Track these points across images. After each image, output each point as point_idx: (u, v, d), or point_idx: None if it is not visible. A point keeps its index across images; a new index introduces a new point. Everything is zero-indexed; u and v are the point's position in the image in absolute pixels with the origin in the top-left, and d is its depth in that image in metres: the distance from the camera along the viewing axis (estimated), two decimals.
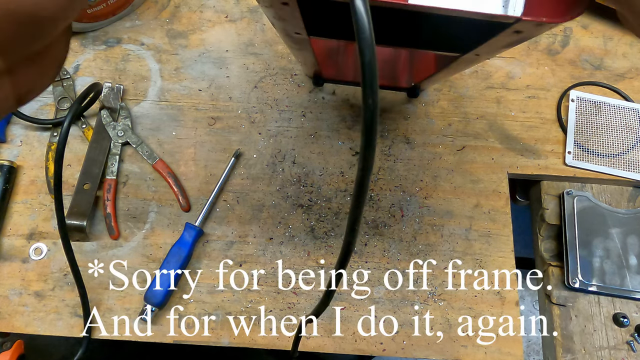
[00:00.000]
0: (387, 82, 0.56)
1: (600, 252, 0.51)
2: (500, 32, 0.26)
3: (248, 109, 0.58)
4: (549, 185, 0.56)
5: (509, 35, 0.26)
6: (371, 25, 0.16)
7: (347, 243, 0.22)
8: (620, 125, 0.57)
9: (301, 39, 0.33)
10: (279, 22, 0.30)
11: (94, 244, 0.52)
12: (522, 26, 0.24)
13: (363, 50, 0.16)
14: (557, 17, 0.23)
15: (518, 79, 0.60)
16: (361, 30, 0.16)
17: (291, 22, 0.29)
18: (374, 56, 0.16)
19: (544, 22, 0.23)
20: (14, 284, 0.51)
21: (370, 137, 0.18)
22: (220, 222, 0.53)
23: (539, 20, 0.22)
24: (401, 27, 0.33)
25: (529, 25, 0.23)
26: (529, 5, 0.23)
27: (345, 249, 0.22)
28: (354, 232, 0.21)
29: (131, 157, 0.56)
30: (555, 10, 0.23)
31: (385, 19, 0.30)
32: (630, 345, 0.49)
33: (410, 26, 0.33)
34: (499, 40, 0.27)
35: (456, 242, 0.53)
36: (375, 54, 0.16)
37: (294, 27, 0.30)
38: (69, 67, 0.59)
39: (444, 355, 0.49)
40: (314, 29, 0.32)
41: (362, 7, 0.16)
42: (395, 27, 0.33)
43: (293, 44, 0.37)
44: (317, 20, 0.31)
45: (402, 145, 0.57)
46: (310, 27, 0.30)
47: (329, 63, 0.55)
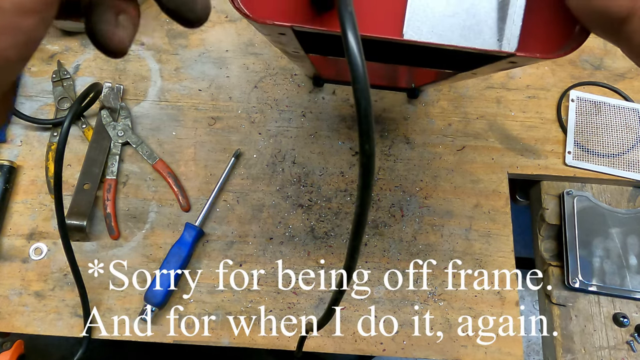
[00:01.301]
0: (387, 82, 0.56)
1: (600, 252, 0.51)
2: (495, 61, 0.26)
3: (248, 109, 0.58)
4: (549, 185, 0.56)
5: (504, 63, 0.26)
6: (366, 75, 0.16)
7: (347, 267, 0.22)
8: (620, 125, 0.57)
9: (299, 55, 0.33)
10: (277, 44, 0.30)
11: (94, 244, 0.52)
12: (516, 59, 0.24)
13: (359, 99, 0.16)
14: (551, 53, 0.23)
15: (518, 79, 0.60)
16: (357, 80, 0.16)
17: (289, 45, 0.29)
18: (369, 106, 0.16)
19: (537, 57, 0.23)
20: (14, 284, 0.51)
21: (367, 179, 0.17)
22: (220, 222, 0.53)
23: (533, 56, 0.23)
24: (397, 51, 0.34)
25: (523, 58, 0.24)
26: (523, 41, 0.23)
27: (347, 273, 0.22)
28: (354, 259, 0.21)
29: (131, 157, 0.56)
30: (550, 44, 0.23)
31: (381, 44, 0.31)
32: (630, 345, 0.49)
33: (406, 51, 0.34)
34: (494, 65, 0.28)
35: (456, 242, 0.53)
36: (370, 104, 0.16)
37: (291, 49, 0.31)
38: (69, 67, 0.59)
39: (444, 355, 0.49)
40: (311, 49, 0.32)
41: (358, 56, 0.16)
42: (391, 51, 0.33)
43: (291, 57, 0.37)
44: (314, 44, 0.32)
45: (402, 145, 0.57)
46: (307, 48, 0.31)
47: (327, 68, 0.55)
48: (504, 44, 0.23)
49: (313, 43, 0.32)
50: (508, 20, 0.22)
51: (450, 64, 0.33)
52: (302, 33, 0.24)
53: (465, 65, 0.32)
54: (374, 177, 0.18)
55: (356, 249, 0.20)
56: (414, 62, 0.34)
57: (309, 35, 0.26)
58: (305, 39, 0.27)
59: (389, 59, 0.34)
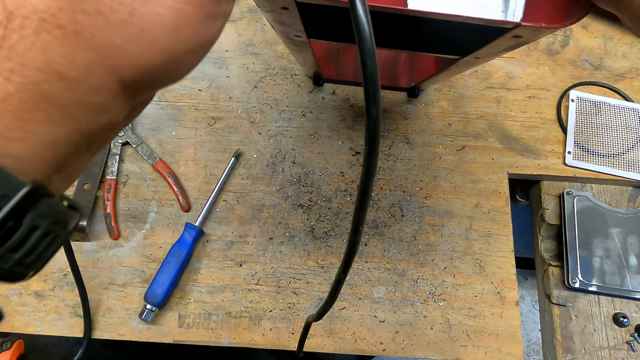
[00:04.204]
0: (387, 82, 0.56)
1: (600, 252, 0.51)
2: (499, 36, 0.26)
3: (248, 109, 0.58)
4: (549, 185, 0.56)
5: (508, 39, 0.26)
6: (372, 35, 0.16)
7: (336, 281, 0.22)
8: (620, 125, 0.57)
9: (301, 41, 0.33)
10: (279, 25, 0.30)
11: (94, 244, 0.52)
12: (521, 31, 0.24)
13: (365, 61, 0.16)
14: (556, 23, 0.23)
15: (518, 79, 0.60)
16: (363, 40, 0.16)
17: (291, 25, 0.29)
18: (375, 67, 0.16)
19: (543, 27, 0.23)
20: (14, 284, 0.51)
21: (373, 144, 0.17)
22: (220, 222, 0.53)
23: (538, 25, 0.22)
24: (400, 31, 0.33)
25: (528, 30, 0.23)
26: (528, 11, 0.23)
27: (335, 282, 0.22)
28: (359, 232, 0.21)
29: (131, 157, 0.56)
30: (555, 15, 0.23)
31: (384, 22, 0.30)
32: (630, 345, 0.49)
33: (409, 30, 0.33)
34: (498, 44, 0.27)
35: (456, 242, 0.53)
36: (377, 64, 0.16)
37: (293, 30, 0.30)
38: None
39: (444, 355, 0.49)
40: (314, 32, 0.32)
41: (363, 16, 0.16)
42: (394, 30, 0.33)
43: (293, 45, 0.37)
44: (317, 24, 0.31)
45: (402, 145, 0.57)
46: (310, 30, 0.30)
47: (329, 63, 0.55)
48: (508, 15, 0.23)
49: (316, 23, 0.31)
50: None
51: (452, 47, 0.33)
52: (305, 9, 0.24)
53: (468, 46, 0.31)
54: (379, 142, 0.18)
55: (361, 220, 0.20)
56: (416, 45, 0.33)
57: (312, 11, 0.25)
58: (308, 17, 0.27)
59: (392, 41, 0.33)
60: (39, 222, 0.16)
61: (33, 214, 0.16)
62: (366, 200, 0.19)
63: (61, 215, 0.18)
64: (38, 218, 0.16)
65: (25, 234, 0.16)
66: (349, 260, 0.21)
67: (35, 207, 0.16)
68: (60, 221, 0.18)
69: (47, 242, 0.17)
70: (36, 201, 0.16)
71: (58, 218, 0.18)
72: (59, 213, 0.18)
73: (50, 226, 0.17)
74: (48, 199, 0.17)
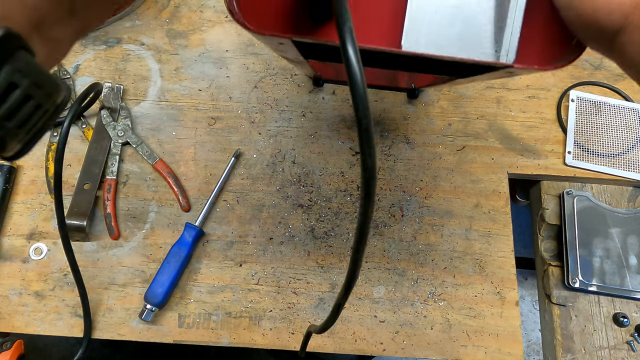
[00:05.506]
0: (387, 82, 0.56)
1: (600, 252, 0.51)
2: (493, 71, 0.27)
3: (248, 109, 0.58)
4: (549, 185, 0.56)
5: (502, 73, 0.27)
6: (365, 90, 0.16)
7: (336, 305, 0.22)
8: (620, 125, 0.57)
9: (299, 60, 0.34)
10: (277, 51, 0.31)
11: (94, 244, 0.52)
12: (514, 70, 0.24)
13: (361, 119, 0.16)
14: (548, 65, 0.23)
15: (518, 79, 0.60)
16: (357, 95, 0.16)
17: (289, 52, 0.30)
18: (369, 122, 0.16)
19: (535, 69, 0.23)
20: (14, 284, 0.51)
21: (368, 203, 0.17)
22: (220, 222, 0.53)
23: (531, 67, 0.23)
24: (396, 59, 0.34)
25: (521, 69, 0.24)
26: (520, 52, 0.23)
27: None
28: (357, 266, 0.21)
29: (131, 157, 0.56)
30: (547, 58, 0.23)
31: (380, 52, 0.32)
32: (630, 345, 0.49)
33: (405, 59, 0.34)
34: (492, 74, 0.28)
35: (456, 242, 0.53)
36: (370, 120, 0.17)
37: (291, 56, 0.31)
38: (68, 67, 0.59)
39: (444, 355, 0.49)
40: (310, 56, 0.33)
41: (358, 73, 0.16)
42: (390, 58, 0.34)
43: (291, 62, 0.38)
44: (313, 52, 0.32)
45: (402, 145, 0.57)
46: (306, 55, 0.31)
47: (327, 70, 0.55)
48: (501, 56, 0.23)
49: (312, 51, 0.32)
50: (506, 32, 0.22)
51: (448, 72, 0.34)
52: (301, 43, 0.24)
53: (463, 73, 0.33)
54: (375, 186, 0.18)
55: (358, 261, 0.20)
56: (413, 69, 0.35)
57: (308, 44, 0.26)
58: (304, 47, 0.28)
59: (389, 65, 0.34)
60: (17, 78, 0.15)
61: (9, 67, 0.14)
62: (363, 240, 0.19)
63: (42, 78, 0.16)
64: (16, 73, 0.14)
65: (3, 89, 0.14)
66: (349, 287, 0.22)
67: (11, 59, 0.14)
68: (43, 86, 0.16)
69: (30, 107, 0.15)
70: (11, 52, 0.14)
71: (39, 80, 0.16)
72: (40, 74, 0.16)
73: (31, 88, 0.15)
74: (25, 53, 0.15)
